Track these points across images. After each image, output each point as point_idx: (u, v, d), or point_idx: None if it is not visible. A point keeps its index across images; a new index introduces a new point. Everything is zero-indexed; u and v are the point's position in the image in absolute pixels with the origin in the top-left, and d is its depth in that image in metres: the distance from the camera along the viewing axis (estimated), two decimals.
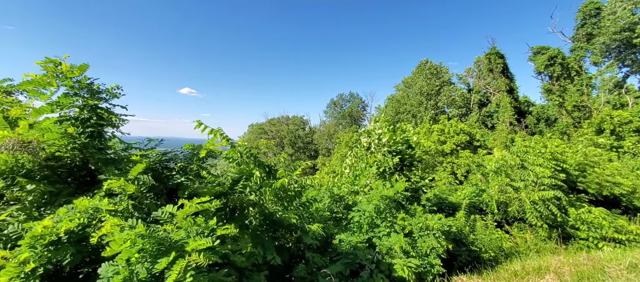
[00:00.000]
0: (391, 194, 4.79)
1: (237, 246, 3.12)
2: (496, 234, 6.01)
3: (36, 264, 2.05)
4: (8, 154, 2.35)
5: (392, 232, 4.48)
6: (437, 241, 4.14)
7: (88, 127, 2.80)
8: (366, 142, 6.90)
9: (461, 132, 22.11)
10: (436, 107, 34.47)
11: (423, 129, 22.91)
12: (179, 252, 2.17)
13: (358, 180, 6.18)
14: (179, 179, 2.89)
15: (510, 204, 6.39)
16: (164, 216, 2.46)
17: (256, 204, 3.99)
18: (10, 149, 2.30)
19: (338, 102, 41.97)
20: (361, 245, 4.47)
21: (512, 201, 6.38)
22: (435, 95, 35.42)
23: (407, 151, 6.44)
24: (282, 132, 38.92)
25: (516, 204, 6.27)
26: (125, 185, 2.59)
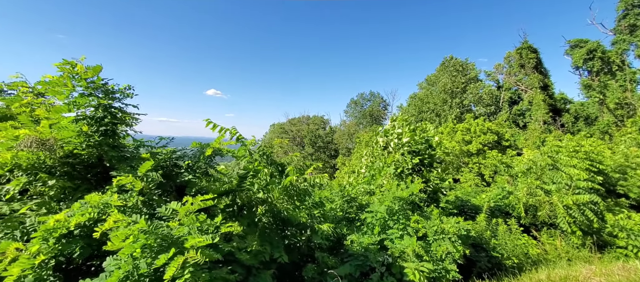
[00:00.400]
0: (405, 195, 4.61)
1: (244, 244, 3.13)
2: (522, 240, 5.61)
3: (46, 257, 2.15)
4: (28, 151, 2.50)
5: (405, 235, 4.31)
6: (453, 245, 3.92)
7: (101, 126, 2.92)
8: (383, 141, 6.72)
9: (488, 132, 21.04)
10: (462, 105, 33.08)
11: (446, 128, 22.05)
12: (178, 249, 2.20)
13: (374, 180, 6.03)
14: (187, 176, 2.95)
15: (540, 208, 5.93)
16: (167, 212, 2.51)
17: (265, 202, 4.00)
18: (29, 147, 2.44)
19: (358, 101, 41.47)
20: (373, 247, 4.34)
21: (542, 205, 5.92)
22: (460, 93, 33.99)
23: (427, 151, 6.19)
24: (303, 131, 39.12)
25: (547, 208, 5.81)
26: (134, 181, 2.67)
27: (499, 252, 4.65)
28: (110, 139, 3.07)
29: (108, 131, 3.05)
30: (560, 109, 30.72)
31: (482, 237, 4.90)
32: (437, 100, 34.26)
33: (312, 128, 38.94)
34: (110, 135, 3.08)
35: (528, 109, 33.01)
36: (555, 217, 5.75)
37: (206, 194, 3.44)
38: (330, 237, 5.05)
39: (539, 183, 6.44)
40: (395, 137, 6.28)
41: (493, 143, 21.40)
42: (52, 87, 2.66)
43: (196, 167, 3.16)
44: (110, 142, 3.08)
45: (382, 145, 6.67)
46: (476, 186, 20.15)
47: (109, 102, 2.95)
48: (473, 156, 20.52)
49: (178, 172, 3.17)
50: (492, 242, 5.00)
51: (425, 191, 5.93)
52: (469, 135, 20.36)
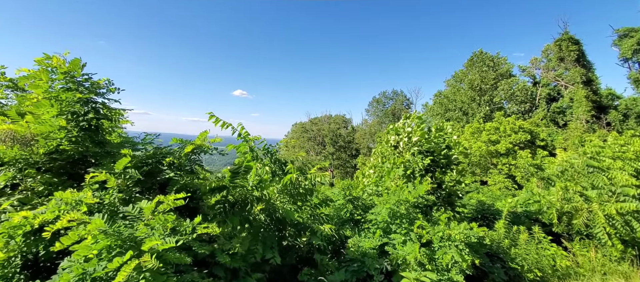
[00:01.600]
0: (410, 198, 4.22)
1: (228, 245, 2.93)
2: (550, 250, 4.97)
3: (8, 255, 2.10)
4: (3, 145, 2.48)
5: (408, 241, 3.93)
6: (460, 253, 3.48)
7: (83, 121, 2.86)
8: (394, 140, 6.30)
9: (520, 131, 19.56)
10: (491, 103, 31.10)
11: (470, 127, 20.76)
12: (137, 252, 2.05)
13: (382, 181, 5.65)
14: (168, 174, 2.81)
15: (577, 215, 5.22)
16: (134, 211, 2.39)
17: (260, 200, 3.81)
18: (3, 141, 2.42)
19: (381, 100, 40.46)
20: (372, 252, 4.01)
21: (579, 212, 5.21)
22: (490, 90, 31.96)
23: (442, 152, 5.69)
24: (324, 131, 38.93)
25: (584, 216, 5.10)
26: (108, 178, 2.58)
27: (519, 264, 4.10)
28: (93, 134, 3.02)
29: (90, 127, 3.00)
30: (607, 106, 27.86)
31: (499, 246, 4.37)
32: (465, 97, 32.48)
33: (333, 127, 38.61)
34: (92, 131, 3.03)
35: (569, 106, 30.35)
36: (592, 226, 5.03)
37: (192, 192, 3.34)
38: (332, 238, 4.78)
39: (579, 188, 5.69)
40: (405, 135, 5.85)
41: (526, 143, 19.84)
42: (28, 80, 2.64)
43: (179, 164, 3.03)
44: (93, 138, 3.03)
45: (392, 144, 6.25)
46: (506, 189, 18.74)
47: (89, 96, 2.89)
48: (502, 157, 19.16)
49: (160, 170, 3.05)
50: (512, 251, 4.44)
51: (438, 194, 5.45)
52: (497, 134, 19.01)
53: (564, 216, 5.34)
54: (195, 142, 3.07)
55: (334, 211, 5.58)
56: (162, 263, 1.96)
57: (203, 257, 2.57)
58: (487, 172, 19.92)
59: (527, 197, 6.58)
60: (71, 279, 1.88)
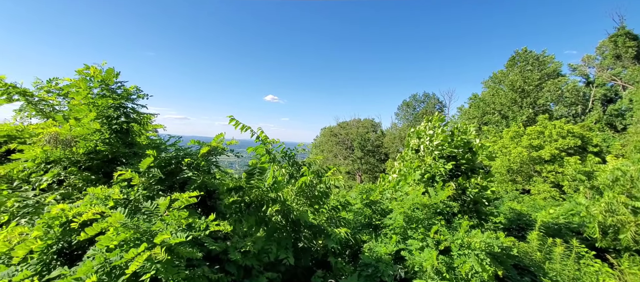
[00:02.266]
0: (426, 201, 4.06)
1: (241, 243, 3.05)
2: (594, 267, 4.47)
3: (45, 243, 2.38)
4: (48, 146, 2.84)
5: (426, 247, 3.78)
6: (480, 263, 3.27)
7: (114, 124, 3.17)
8: (415, 144, 6.11)
9: (569, 135, 17.85)
10: (535, 105, 28.74)
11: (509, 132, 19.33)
12: (151, 244, 2.22)
13: (400, 187, 5.50)
14: (187, 173, 3.02)
15: (624, 229, 4.65)
16: (152, 207, 2.59)
17: (275, 201, 3.92)
18: (48, 143, 2.77)
19: (411, 103, 39.17)
20: (387, 257, 3.91)
21: (626, 226, 4.63)
22: (534, 91, 29.53)
23: (465, 156, 5.41)
24: (352, 135, 38.68)
25: (632, 230, 4.52)
26: (133, 176, 2.83)
27: (553, 279, 3.74)
28: (123, 136, 3.32)
29: (121, 129, 3.30)
30: None
31: (530, 258, 4.01)
32: (504, 100, 30.37)
33: (361, 132, 38.19)
34: (123, 133, 3.33)
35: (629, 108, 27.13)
36: None
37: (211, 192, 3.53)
38: (349, 242, 4.74)
39: (626, 199, 5.09)
40: (427, 139, 5.64)
41: (575, 149, 18.04)
42: (71, 88, 3.00)
43: (196, 164, 3.23)
44: (124, 139, 3.33)
45: (413, 148, 6.07)
46: (552, 198, 17.12)
47: (120, 101, 3.20)
48: (547, 164, 17.58)
49: (182, 169, 3.27)
50: (547, 266, 4.06)
51: (462, 201, 5.17)
52: (541, 139, 17.50)
53: (609, 229, 4.77)
54: (211, 144, 3.25)
55: (353, 215, 5.54)
56: (173, 256, 2.11)
57: (216, 253, 2.70)
58: (530, 180, 18.40)
59: (570, 208, 5.97)
60: (93, 265, 2.10)
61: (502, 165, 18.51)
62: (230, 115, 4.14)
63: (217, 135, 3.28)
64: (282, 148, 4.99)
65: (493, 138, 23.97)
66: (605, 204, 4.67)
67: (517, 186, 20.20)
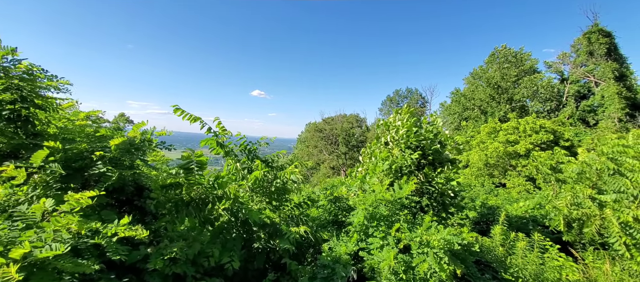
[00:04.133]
0: (390, 198, 3.85)
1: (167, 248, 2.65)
2: (558, 261, 4.41)
3: None
4: None
5: (386, 246, 3.56)
6: (438, 262, 3.07)
7: (4, 111, 2.68)
8: (384, 135, 5.91)
9: (542, 130, 18.32)
10: (512, 101, 29.47)
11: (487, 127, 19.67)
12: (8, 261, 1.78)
13: (367, 180, 5.28)
14: (100, 168, 2.59)
15: (588, 223, 4.61)
16: (28, 212, 2.16)
17: (222, 198, 3.58)
18: None
19: (394, 98, 39.39)
20: (345, 257, 3.67)
21: (590, 219, 4.60)
22: (511, 88, 30.26)
23: (432, 147, 5.25)
24: (336, 130, 38.54)
25: (596, 223, 4.49)
26: (17, 173, 2.38)
27: (514, 275, 3.61)
28: (24, 125, 2.83)
29: (18, 116, 2.82)
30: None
31: (492, 254, 3.89)
32: (483, 95, 30.98)
33: (346, 127, 38.12)
34: (23, 121, 2.84)
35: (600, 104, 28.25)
36: (607, 235, 4.41)
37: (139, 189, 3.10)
38: (310, 242, 4.48)
39: (591, 192, 5.07)
40: (393, 130, 5.44)
41: (548, 143, 18.56)
42: None
43: (113, 159, 2.77)
44: (26, 129, 2.84)
45: (383, 140, 5.86)
46: (527, 192, 17.58)
47: (12, 82, 2.71)
48: (522, 158, 18.01)
49: (90, 164, 2.79)
50: (509, 261, 3.95)
51: (430, 193, 5.01)
52: (516, 134, 17.88)
53: (575, 223, 4.73)
54: (130, 135, 2.82)
55: (320, 212, 5.28)
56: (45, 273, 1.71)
57: (131, 263, 2.33)
58: (506, 174, 18.82)
59: (538, 201, 5.95)
60: None
61: (479, 159, 18.83)
62: (175, 104, 3.75)
63: (137, 125, 2.88)
64: (243, 142, 4.65)
65: (471, 133, 24.40)
66: (571, 197, 4.62)
67: (494, 179, 20.65)
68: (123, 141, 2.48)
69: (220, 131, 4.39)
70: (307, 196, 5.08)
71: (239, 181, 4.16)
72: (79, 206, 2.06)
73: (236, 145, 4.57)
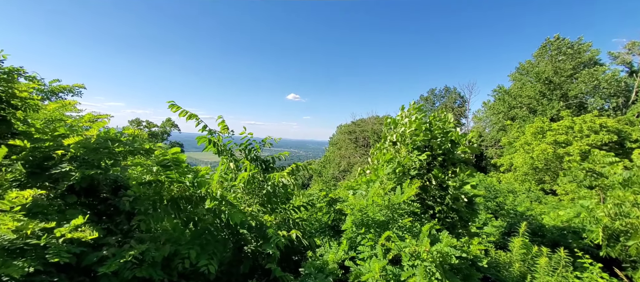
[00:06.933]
0: (381, 202, 3.51)
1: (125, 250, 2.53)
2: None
3: None
4: None
5: (374, 257, 3.24)
6: (429, 277, 2.68)
7: None
8: (391, 134, 5.51)
9: (602, 130, 16.00)
10: (566, 97, 26.23)
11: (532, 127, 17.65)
12: None
13: (372, 183, 4.93)
14: (64, 168, 2.60)
15: (635, 236, 3.79)
16: None
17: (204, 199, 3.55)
18: None
19: (430, 98, 37.31)
20: (332, 266, 3.42)
21: (637, 232, 3.77)
22: (567, 82, 26.91)
23: (443, 146, 4.75)
24: (367, 132, 37.69)
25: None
26: None
27: None
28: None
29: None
30: None
31: (507, 270, 3.33)
32: (532, 92, 28.00)
33: (377, 128, 37.08)
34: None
35: None
36: None
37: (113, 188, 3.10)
38: (298, 247, 4.28)
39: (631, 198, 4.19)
40: (401, 129, 5.03)
41: (612, 145, 16.12)
42: None
43: (77, 156, 2.78)
44: (5, 129, 2.98)
45: (391, 140, 5.47)
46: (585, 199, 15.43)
47: None
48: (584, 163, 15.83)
49: (52, 164, 2.83)
50: (529, 280, 3.35)
51: (441, 199, 4.52)
52: (570, 135, 15.79)
53: (621, 235, 3.90)
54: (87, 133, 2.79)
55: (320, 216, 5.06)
56: None
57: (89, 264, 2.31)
58: (555, 178, 16.72)
59: (578, 210, 5.07)
60: None
61: (524, 163, 16.99)
62: (171, 100, 3.82)
63: (97, 124, 2.88)
64: (245, 141, 4.62)
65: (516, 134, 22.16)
66: (613, 206, 3.83)
67: (545, 186, 18.47)
68: (80, 139, 2.52)
69: (222, 129, 4.40)
70: (308, 199, 4.90)
71: (233, 181, 4.11)
72: (19, 205, 2.05)
73: (237, 144, 4.54)
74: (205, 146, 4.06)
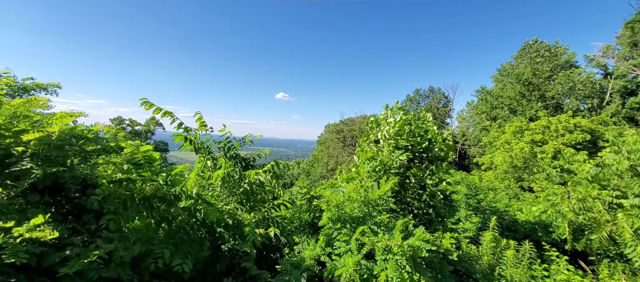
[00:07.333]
0: (356, 197, 3.57)
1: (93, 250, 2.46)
2: (562, 274, 3.86)
3: None
4: None
5: (349, 252, 3.29)
6: (399, 270, 2.75)
7: None
8: (374, 133, 5.59)
9: (576, 130, 16.71)
10: (544, 98, 27.25)
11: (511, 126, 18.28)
12: None
13: (352, 181, 4.99)
14: (25, 165, 2.50)
15: (597, 229, 4.00)
16: None
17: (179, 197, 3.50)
18: None
19: (415, 98, 38.01)
20: (309, 262, 3.44)
21: (600, 226, 3.98)
22: (544, 84, 27.95)
23: (422, 145, 4.86)
24: (355, 131, 37.99)
25: (606, 230, 3.87)
26: None
27: None
28: None
29: None
30: None
31: (479, 263, 3.45)
32: (512, 93, 28.94)
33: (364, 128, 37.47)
34: None
35: None
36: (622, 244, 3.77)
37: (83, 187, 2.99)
38: (277, 245, 4.29)
39: (606, 193, 4.42)
40: (385, 128, 5.12)
41: (585, 144, 16.87)
42: None
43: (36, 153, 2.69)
44: None
45: (374, 138, 5.55)
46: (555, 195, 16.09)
47: None
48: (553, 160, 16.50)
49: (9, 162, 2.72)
50: (498, 272, 3.49)
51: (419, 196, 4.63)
52: (546, 134, 16.42)
53: (585, 229, 4.11)
54: (49, 130, 2.71)
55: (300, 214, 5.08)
56: None
57: (51, 265, 2.24)
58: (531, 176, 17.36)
59: (546, 206, 5.30)
60: None
61: (504, 161, 17.55)
62: (143, 97, 3.74)
63: (60, 120, 2.77)
64: (225, 139, 4.57)
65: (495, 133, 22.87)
66: (577, 201, 4.03)
67: (523, 183, 19.14)
68: (41, 135, 2.45)
69: (199, 127, 4.34)
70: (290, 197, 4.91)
71: (210, 180, 4.07)
72: None
73: (217, 142, 4.50)
74: (182, 144, 4.00)
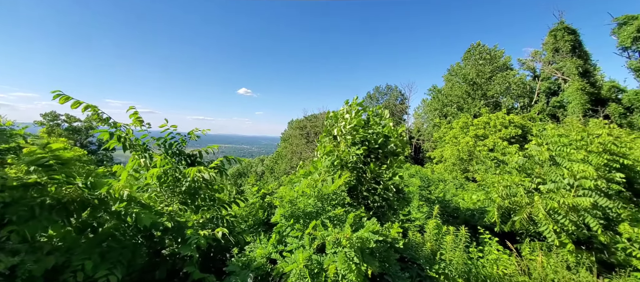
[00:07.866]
0: (309, 192, 3.58)
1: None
2: (493, 254, 4.29)
3: None
4: None
5: (302, 247, 3.29)
6: (347, 262, 2.82)
7: None
8: (333, 129, 5.66)
9: (511, 125, 18.71)
10: (485, 97, 30.09)
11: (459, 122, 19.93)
12: None
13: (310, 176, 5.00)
14: None
15: (519, 212, 4.53)
16: None
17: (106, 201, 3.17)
18: None
19: (374, 95, 39.55)
20: (259, 261, 3.37)
21: (521, 209, 4.51)
22: (486, 84, 30.91)
23: (379, 141, 5.04)
24: (318, 127, 38.28)
25: (526, 212, 4.40)
26: None
27: (439, 271, 3.42)
28: None
29: None
30: (606, 99, 26.72)
31: (423, 250, 3.71)
32: (459, 92, 31.50)
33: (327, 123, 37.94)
34: None
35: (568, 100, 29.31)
36: (539, 224, 4.33)
37: None
38: (227, 245, 4.14)
39: (528, 180, 4.99)
40: (342, 123, 5.21)
41: (517, 138, 18.99)
42: None
43: None
44: None
45: (332, 133, 5.61)
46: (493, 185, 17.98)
47: None
48: (491, 153, 18.33)
49: None
50: (439, 256, 3.77)
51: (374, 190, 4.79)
52: (487, 129, 18.17)
53: (511, 213, 4.64)
54: None
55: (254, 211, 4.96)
56: None
57: None
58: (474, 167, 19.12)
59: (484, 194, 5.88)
60: None
61: (452, 155, 19.03)
62: (56, 90, 3.29)
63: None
64: (167, 134, 4.25)
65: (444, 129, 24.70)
66: (503, 188, 4.51)
67: (469, 174, 20.99)
68: None
69: (134, 122, 3.98)
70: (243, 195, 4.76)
71: (146, 180, 3.76)
72: None
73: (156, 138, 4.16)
74: (109, 141, 3.63)
